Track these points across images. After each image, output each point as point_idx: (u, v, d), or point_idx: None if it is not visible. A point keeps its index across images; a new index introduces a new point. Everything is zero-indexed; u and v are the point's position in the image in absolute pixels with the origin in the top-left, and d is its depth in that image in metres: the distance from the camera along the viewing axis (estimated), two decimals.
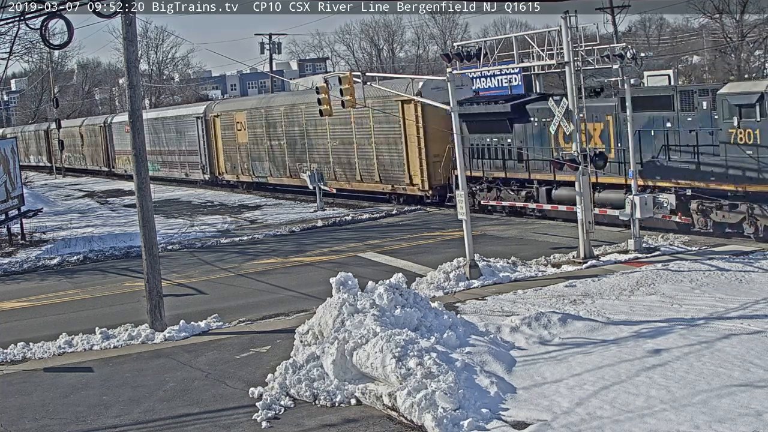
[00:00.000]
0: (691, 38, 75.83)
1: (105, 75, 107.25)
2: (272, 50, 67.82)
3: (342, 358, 11.88)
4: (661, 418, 9.74)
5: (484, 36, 74.50)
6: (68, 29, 16.71)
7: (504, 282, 17.47)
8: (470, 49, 20.54)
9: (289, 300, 17.92)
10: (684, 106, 20.73)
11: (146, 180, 16.19)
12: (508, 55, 21.19)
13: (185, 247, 25.94)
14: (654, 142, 21.51)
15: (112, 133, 57.60)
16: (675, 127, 20.97)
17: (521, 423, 10.05)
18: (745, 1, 52.19)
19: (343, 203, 33.22)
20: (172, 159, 49.23)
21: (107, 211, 37.73)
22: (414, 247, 22.63)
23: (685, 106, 20.72)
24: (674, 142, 21.05)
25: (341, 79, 20.69)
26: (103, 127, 59.37)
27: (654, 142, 21.52)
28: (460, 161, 18.50)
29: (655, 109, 21.34)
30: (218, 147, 43.64)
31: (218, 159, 43.97)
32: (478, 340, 12.63)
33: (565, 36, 18.47)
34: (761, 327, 12.63)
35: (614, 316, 13.93)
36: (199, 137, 45.17)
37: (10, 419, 12.04)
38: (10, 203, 28.29)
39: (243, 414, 11.41)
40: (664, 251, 18.94)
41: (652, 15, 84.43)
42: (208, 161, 44.80)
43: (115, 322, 16.45)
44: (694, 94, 20.60)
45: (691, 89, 21.16)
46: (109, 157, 59.07)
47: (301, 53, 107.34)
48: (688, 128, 20.67)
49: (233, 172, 42.47)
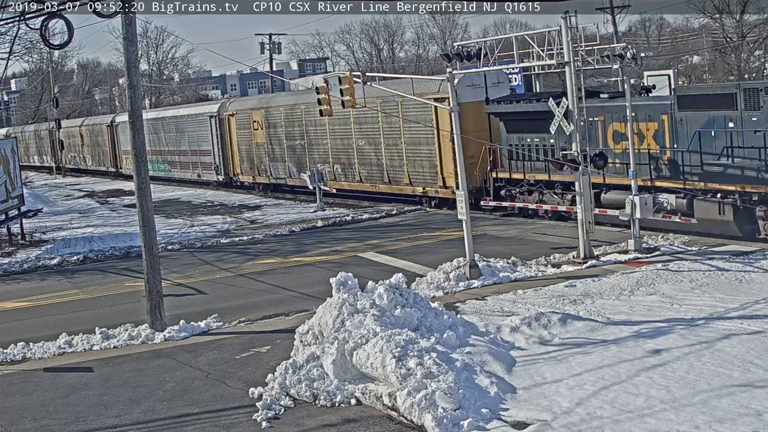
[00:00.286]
0: (691, 38, 75.84)
1: (105, 75, 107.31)
2: (272, 50, 67.90)
3: (342, 358, 11.88)
4: (661, 418, 9.74)
5: (484, 36, 74.60)
6: (68, 29, 16.73)
7: (504, 282, 17.47)
8: (470, 49, 20.54)
9: (289, 300, 17.92)
10: (748, 104, 19.41)
11: (146, 180, 16.18)
12: (508, 55, 21.18)
13: (185, 247, 25.94)
14: (714, 143, 20.23)
15: (118, 132, 55.47)
16: (738, 127, 19.65)
17: (521, 423, 10.05)
18: (745, 1, 52.21)
19: (343, 203, 33.20)
20: (184, 160, 46.96)
21: (107, 211, 37.73)
22: (414, 247, 22.63)
23: (749, 104, 19.39)
24: (738, 143, 19.72)
25: (341, 79, 20.66)
26: (110, 127, 57.60)
27: (714, 143, 20.23)
28: (460, 161, 18.50)
29: (715, 109, 20.07)
30: (233, 147, 41.58)
31: (233, 159, 41.88)
32: (478, 340, 12.63)
33: (565, 36, 18.47)
34: (761, 327, 12.63)
35: (614, 316, 13.93)
36: (213, 137, 42.95)
37: (10, 419, 12.04)
38: (10, 203, 28.29)
39: (243, 414, 11.41)
40: (664, 251, 18.94)
41: (652, 15, 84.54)
42: (222, 162, 42.72)
43: (115, 322, 16.45)
44: (760, 92, 19.21)
45: (757, 86, 19.70)
46: (116, 157, 57.21)
47: (301, 53, 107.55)
48: (753, 128, 19.36)
49: (250, 173, 40.47)
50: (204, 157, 44.43)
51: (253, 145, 39.61)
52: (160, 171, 49.30)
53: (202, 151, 44.53)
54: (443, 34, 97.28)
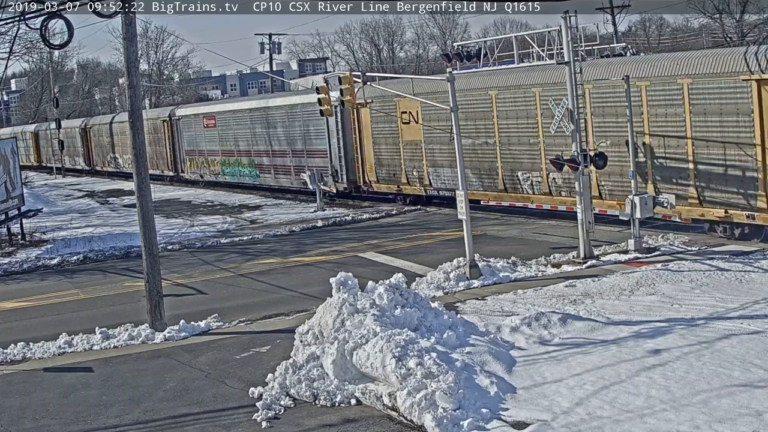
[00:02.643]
0: (691, 38, 75.82)
1: (105, 75, 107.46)
2: (272, 50, 67.92)
3: (342, 358, 11.88)
4: (661, 418, 9.74)
5: (484, 36, 74.61)
6: (68, 29, 16.75)
7: (504, 282, 17.47)
8: (470, 49, 20.61)
9: (289, 300, 17.92)
10: None
11: (146, 180, 16.19)
12: (508, 55, 21.24)
13: (185, 247, 25.94)
14: None
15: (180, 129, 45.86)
16: None
17: (521, 423, 10.05)
18: (745, 1, 52.24)
19: (343, 203, 33.20)
20: (281, 162, 37.32)
21: (107, 211, 37.72)
22: (414, 247, 22.63)
23: None
24: None
25: (341, 78, 20.62)
26: (167, 122, 47.28)
27: None
28: (460, 161, 18.48)
29: None
30: (365, 146, 31.84)
31: (364, 162, 32.09)
32: (478, 340, 12.63)
33: (565, 36, 18.47)
34: (761, 327, 12.62)
35: (614, 316, 13.93)
36: (330, 133, 33.57)
37: (10, 419, 12.05)
38: (10, 203, 28.29)
39: (243, 414, 11.41)
40: (664, 251, 18.94)
41: (652, 15, 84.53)
42: (344, 165, 33.03)
43: (115, 322, 16.44)
44: None
45: None
46: (176, 159, 47.25)
47: (301, 53, 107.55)
48: None
49: (390, 181, 31.00)
50: (313, 159, 34.86)
51: (400, 143, 30.11)
52: (245, 176, 40.79)
53: (312, 152, 35.05)
54: (443, 34, 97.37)
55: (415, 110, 28.61)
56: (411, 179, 29.80)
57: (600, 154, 19.41)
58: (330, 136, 33.48)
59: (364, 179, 32.17)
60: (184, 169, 46.58)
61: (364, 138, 31.75)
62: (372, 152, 31.39)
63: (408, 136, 29.57)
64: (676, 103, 20.22)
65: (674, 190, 20.26)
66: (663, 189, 20.45)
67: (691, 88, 19.73)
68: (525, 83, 24.08)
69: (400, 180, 30.30)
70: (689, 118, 19.91)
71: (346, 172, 32.98)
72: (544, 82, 22.99)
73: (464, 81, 23.87)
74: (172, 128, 46.90)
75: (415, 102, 26.51)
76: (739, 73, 18.67)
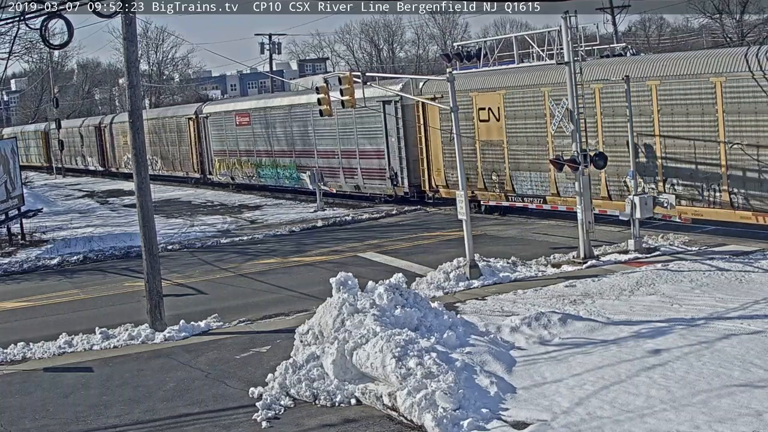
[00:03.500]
0: (691, 38, 75.85)
1: (105, 75, 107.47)
2: (272, 50, 67.90)
3: (342, 358, 11.88)
4: (661, 418, 9.74)
5: (484, 36, 74.64)
6: (68, 29, 16.76)
7: (504, 282, 17.47)
8: (470, 49, 20.58)
9: (289, 300, 17.92)
10: None
11: (146, 180, 16.19)
12: (508, 55, 21.22)
13: (185, 247, 25.95)
14: None
15: (208, 128, 42.73)
16: None
17: (521, 423, 10.05)
18: (745, 1, 52.25)
19: (342, 203, 33.19)
20: (327, 164, 33.68)
21: (107, 211, 37.73)
22: (414, 247, 22.63)
23: None
24: None
25: (341, 78, 20.63)
26: (193, 120, 43.97)
27: None
28: (460, 161, 18.48)
29: None
30: (431, 146, 28.44)
31: (430, 165, 28.58)
32: (478, 340, 12.63)
33: (565, 36, 18.47)
34: (761, 327, 12.62)
35: (614, 316, 13.93)
36: (388, 131, 29.99)
37: (10, 419, 12.05)
38: (10, 203, 28.29)
39: (243, 414, 11.41)
40: (664, 251, 18.94)
41: (652, 15, 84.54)
42: (405, 168, 29.65)
43: (115, 322, 16.45)
44: None
45: None
46: (204, 160, 44.25)
47: (301, 53, 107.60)
48: None
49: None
50: (367, 160, 31.41)
51: (476, 143, 26.53)
52: (284, 178, 37.45)
53: (365, 153, 31.43)
54: (443, 34, 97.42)
55: (497, 106, 25.46)
56: (489, 185, 26.35)
57: (600, 154, 19.40)
58: (388, 134, 29.97)
59: (430, 183, 28.73)
60: (212, 170, 43.29)
61: (431, 137, 28.30)
62: (441, 153, 27.81)
63: (486, 135, 26.13)
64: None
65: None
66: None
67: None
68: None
69: (475, 185, 26.45)
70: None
71: (407, 174, 29.61)
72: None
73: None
74: (198, 127, 43.61)
75: (497, 96, 24.40)
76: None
